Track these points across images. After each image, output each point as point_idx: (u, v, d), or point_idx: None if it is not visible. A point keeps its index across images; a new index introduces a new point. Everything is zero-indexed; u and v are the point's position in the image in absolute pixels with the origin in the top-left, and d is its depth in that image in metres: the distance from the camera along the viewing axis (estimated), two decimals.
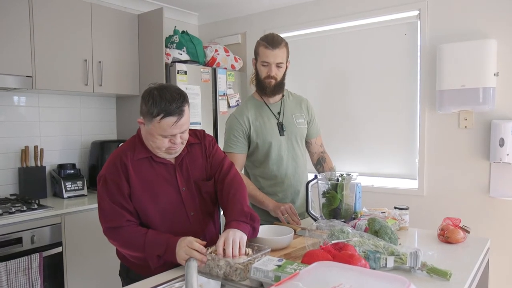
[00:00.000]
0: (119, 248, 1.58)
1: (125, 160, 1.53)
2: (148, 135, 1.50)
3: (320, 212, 1.95)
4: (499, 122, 2.69)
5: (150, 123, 1.45)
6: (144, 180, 1.54)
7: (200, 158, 1.66)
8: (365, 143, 3.40)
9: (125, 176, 1.52)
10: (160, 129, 1.44)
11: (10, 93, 2.93)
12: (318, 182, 1.94)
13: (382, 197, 3.09)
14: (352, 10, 3.34)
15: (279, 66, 2.06)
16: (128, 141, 1.62)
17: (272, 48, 2.02)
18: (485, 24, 2.77)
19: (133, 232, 1.49)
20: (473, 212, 2.85)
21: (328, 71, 3.58)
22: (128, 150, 1.56)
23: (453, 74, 2.77)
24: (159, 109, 1.41)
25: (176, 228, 1.56)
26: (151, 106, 1.42)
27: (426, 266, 1.33)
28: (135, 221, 1.53)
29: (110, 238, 1.54)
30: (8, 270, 2.30)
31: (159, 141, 1.48)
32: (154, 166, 1.57)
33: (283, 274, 1.19)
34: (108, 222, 1.52)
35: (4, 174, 2.93)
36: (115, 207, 1.50)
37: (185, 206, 1.60)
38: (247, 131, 2.10)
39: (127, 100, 3.53)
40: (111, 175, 1.52)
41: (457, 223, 1.73)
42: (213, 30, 4.21)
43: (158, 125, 1.44)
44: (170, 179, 1.58)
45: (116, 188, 1.51)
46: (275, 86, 2.09)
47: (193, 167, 1.63)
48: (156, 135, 1.47)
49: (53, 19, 2.82)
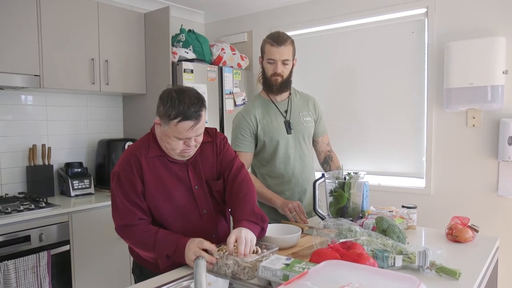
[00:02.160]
0: (131, 246, 1.59)
1: (139, 157, 1.54)
2: (163, 136, 1.51)
3: (327, 211, 1.94)
4: (507, 121, 2.67)
5: (167, 125, 1.45)
6: (158, 178, 1.55)
7: (211, 157, 1.67)
8: (372, 141, 3.38)
9: (139, 174, 1.53)
10: (176, 132, 1.45)
11: (17, 92, 2.95)
12: (325, 180, 1.93)
13: (389, 195, 3.08)
14: (359, 8, 3.33)
15: (285, 63, 2.06)
16: (141, 139, 1.63)
17: (277, 45, 2.02)
18: (494, 21, 2.75)
19: (144, 231, 1.50)
20: (481, 211, 2.83)
21: (335, 70, 3.57)
22: (141, 148, 1.57)
23: (461, 72, 2.75)
24: (177, 112, 1.42)
25: (189, 226, 1.58)
26: (169, 109, 1.42)
27: (435, 266, 1.32)
28: (147, 219, 1.54)
29: (122, 237, 1.55)
30: (16, 267, 2.31)
31: (174, 143, 1.49)
32: (168, 164, 1.58)
33: (291, 273, 1.19)
34: (120, 219, 1.52)
35: (12, 173, 2.95)
36: (128, 204, 1.51)
37: (198, 204, 1.61)
38: (255, 130, 2.10)
39: (133, 99, 3.54)
40: (125, 172, 1.53)
41: (466, 222, 1.72)
42: (220, 28, 4.21)
43: (174, 128, 1.44)
44: (183, 178, 1.59)
45: (129, 185, 1.52)
46: (282, 84, 2.09)
47: (205, 166, 1.64)
48: (172, 137, 1.47)
49: (61, 18, 2.84)
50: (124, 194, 1.51)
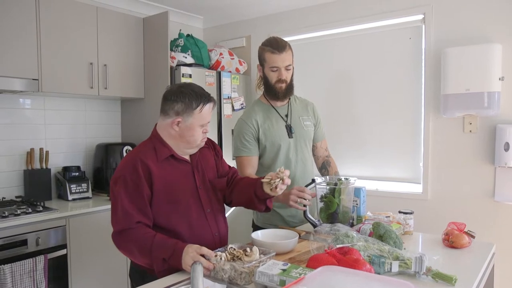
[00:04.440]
0: (126, 255, 1.58)
1: (146, 162, 1.56)
2: (186, 131, 1.59)
3: (317, 217, 1.94)
4: (504, 127, 2.68)
5: (191, 117, 1.57)
6: (167, 181, 1.59)
7: (211, 159, 1.78)
8: (370, 146, 3.40)
9: (147, 178, 1.55)
10: (201, 118, 1.59)
11: (16, 95, 2.95)
12: (315, 186, 1.93)
13: (387, 201, 3.09)
14: (357, 14, 3.35)
15: (288, 69, 2.07)
16: (143, 144, 1.66)
17: (279, 52, 2.03)
18: (490, 28, 2.77)
19: (141, 234, 1.50)
20: (477, 217, 2.84)
21: (333, 75, 3.59)
22: (147, 153, 1.60)
23: (458, 78, 2.77)
24: (198, 100, 1.57)
25: (194, 225, 1.62)
26: (190, 101, 1.56)
27: (431, 271, 1.33)
28: (146, 222, 1.55)
29: (119, 245, 1.55)
30: (13, 272, 2.31)
31: (197, 133, 1.61)
32: (175, 165, 1.64)
33: (288, 278, 1.19)
34: (118, 225, 1.53)
35: (10, 176, 2.94)
36: (129, 207, 1.52)
37: (202, 204, 1.67)
38: (256, 134, 2.10)
39: (132, 103, 3.55)
40: (132, 175, 1.54)
41: (462, 228, 1.73)
42: (218, 33, 4.22)
43: (199, 116, 1.58)
44: (189, 178, 1.66)
45: (135, 188, 1.54)
46: (287, 89, 2.10)
47: (207, 167, 1.74)
48: (196, 127, 1.59)
49: (60, 23, 2.84)
50: (129, 197, 1.53)
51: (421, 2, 3.03)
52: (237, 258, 1.40)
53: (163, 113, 1.61)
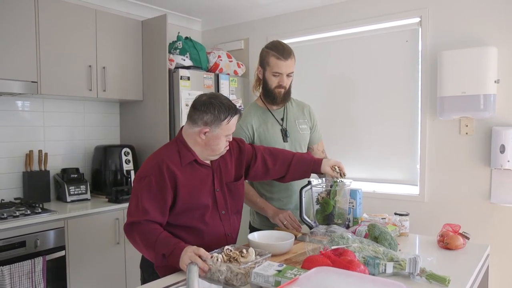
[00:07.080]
0: (133, 245, 1.63)
1: (171, 166, 1.60)
2: (212, 140, 1.64)
3: (313, 218, 1.96)
4: (499, 129, 2.70)
5: (218, 128, 1.62)
6: (189, 187, 1.64)
7: (229, 162, 1.80)
8: (367, 149, 3.41)
9: (172, 183, 1.60)
10: (227, 129, 1.64)
11: (15, 98, 2.97)
12: (311, 188, 1.95)
13: (383, 202, 3.10)
14: (354, 17, 3.37)
15: (289, 76, 2.09)
16: (167, 147, 1.71)
17: (284, 59, 2.04)
18: (486, 31, 2.79)
19: (149, 229, 1.55)
20: (474, 219, 2.85)
21: (330, 77, 3.60)
22: (172, 157, 1.64)
23: (454, 81, 2.78)
24: (227, 113, 1.61)
25: (208, 226, 1.68)
26: (219, 113, 1.60)
27: (425, 272, 1.34)
28: (160, 221, 1.60)
29: (128, 235, 1.60)
30: (11, 273, 2.32)
31: (222, 142, 1.66)
32: (197, 168, 1.68)
33: (283, 279, 1.21)
34: (132, 217, 1.58)
35: (9, 178, 2.96)
36: (150, 205, 1.56)
37: (218, 206, 1.72)
38: (251, 138, 2.12)
39: (130, 105, 3.56)
40: (157, 178, 1.58)
41: (457, 229, 1.74)
42: (216, 36, 4.24)
43: (226, 127, 1.63)
44: (208, 181, 1.71)
45: (158, 192, 1.58)
46: (285, 95, 2.12)
47: (225, 170, 1.78)
48: (222, 137, 1.64)
49: (58, 25, 2.86)
50: (150, 198, 1.57)
51: (418, 6, 3.05)
52: (233, 259, 1.41)
53: (192, 121, 1.65)
